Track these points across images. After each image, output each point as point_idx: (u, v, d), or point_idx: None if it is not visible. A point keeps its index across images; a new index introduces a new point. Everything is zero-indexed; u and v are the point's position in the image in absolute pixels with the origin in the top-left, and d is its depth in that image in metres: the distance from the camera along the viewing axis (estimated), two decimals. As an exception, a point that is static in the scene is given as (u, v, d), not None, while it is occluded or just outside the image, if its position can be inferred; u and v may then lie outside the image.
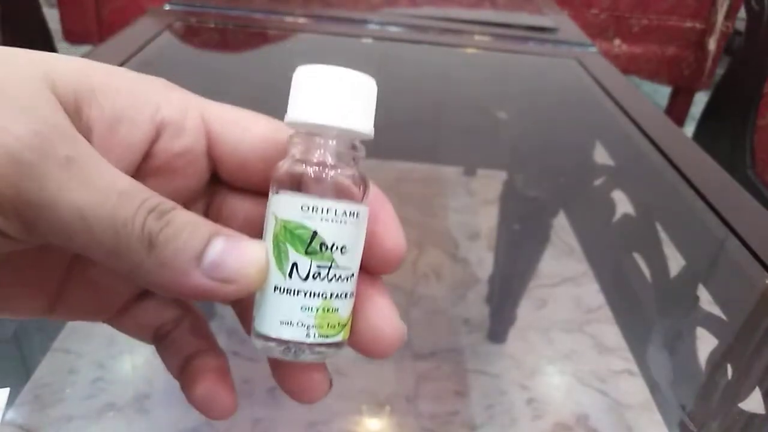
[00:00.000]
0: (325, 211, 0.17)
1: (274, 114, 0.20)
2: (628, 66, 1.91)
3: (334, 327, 0.18)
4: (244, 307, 0.20)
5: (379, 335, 0.19)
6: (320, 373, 0.19)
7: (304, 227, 0.17)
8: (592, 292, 0.50)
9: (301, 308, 0.17)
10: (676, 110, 2.05)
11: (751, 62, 1.25)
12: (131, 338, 0.21)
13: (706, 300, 0.48)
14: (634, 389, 0.41)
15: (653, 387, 0.41)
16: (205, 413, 0.19)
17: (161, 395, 0.36)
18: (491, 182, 0.70)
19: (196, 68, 0.81)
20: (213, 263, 0.16)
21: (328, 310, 0.17)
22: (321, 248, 0.17)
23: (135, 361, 0.39)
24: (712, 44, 1.90)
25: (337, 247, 0.17)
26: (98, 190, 0.15)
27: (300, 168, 0.18)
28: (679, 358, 0.44)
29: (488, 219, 0.61)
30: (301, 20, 0.94)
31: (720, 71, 1.73)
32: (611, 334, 0.46)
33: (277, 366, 0.20)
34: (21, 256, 0.18)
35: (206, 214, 0.20)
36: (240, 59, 0.88)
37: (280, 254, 0.17)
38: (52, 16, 1.54)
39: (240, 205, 0.20)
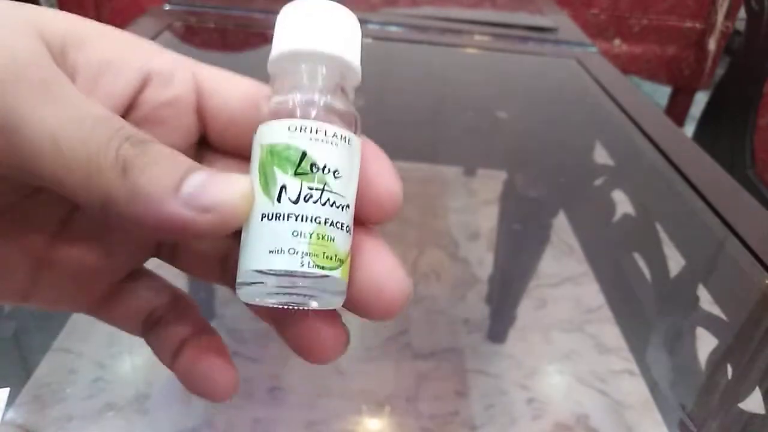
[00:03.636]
0: (314, 131, 0.15)
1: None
2: (628, 66, 1.91)
3: (331, 258, 0.15)
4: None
5: (383, 288, 0.16)
6: (333, 326, 0.17)
7: (292, 147, 0.15)
8: (592, 292, 0.50)
9: (293, 233, 0.15)
10: (676, 110, 2.05)
11: (751, 62, 1.24)
12: (132, 338, 0.20)
13: (706, 300, 0.48)
14: (634, 389, 0.41)
15: (653, 387, 0.41)
16: (206, 394, 0.18)
17: (161, 395, 0.36)
18: (491, 182, 0.70)
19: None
20: (192, 192, 0.14)
21: (323, 237, 0.15)
22: (312, 169, 0.15)
23: (135, 361, 0.38)
24: (712, 44, 1.90)
25: (329, 170, 0.15)
26: (72, 113, 0.14)
27: (286, 98, 0.16)
28: (679, 358, 0.44)
29: (488, 219, 0.61)
30: (301, 20, 0.94)
31: (720, 71, 1.73)
32: (611, 334, 0.46)
33: (282, 322, 0.17)
34: None
35: None
36: (240, 59, 0.88)
37: (267, 180, 0.15)
38: (52, 16, 1.54)
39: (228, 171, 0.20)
